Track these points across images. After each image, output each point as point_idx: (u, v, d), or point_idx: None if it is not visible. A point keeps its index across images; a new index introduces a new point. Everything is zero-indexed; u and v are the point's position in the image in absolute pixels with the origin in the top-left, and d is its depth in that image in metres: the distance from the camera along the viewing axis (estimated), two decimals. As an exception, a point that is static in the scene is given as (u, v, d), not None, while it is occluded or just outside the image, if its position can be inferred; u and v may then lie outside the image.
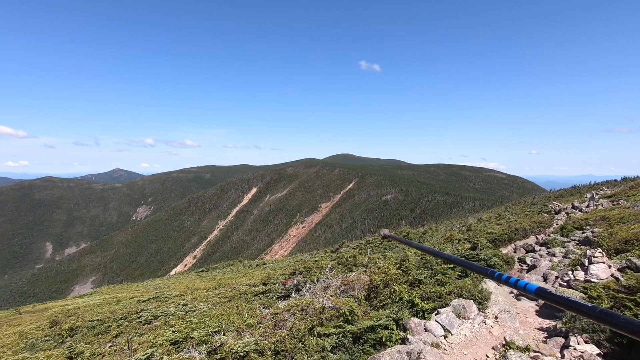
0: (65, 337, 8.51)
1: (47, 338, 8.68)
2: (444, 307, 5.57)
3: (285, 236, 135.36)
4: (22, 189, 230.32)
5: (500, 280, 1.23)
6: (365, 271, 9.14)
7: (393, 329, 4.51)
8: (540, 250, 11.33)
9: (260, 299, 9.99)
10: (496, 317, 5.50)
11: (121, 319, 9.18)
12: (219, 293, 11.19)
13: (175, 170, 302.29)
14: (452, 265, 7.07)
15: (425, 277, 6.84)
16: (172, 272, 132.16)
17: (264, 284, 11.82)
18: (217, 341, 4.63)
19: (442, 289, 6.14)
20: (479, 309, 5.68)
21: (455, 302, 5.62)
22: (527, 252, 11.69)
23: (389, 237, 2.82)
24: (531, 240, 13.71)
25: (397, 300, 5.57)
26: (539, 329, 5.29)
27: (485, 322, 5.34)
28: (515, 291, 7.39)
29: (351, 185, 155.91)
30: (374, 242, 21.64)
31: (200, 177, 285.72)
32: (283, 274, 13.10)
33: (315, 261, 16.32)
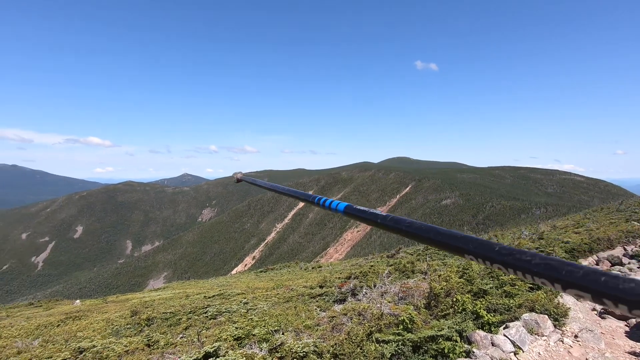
0: (143, 327, 9.39)
1: (128, 326, 9.64)
2: (513, 321, 5.15)
3: (340, 240, 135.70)
4: (107, 192, 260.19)
5: (314, 203, 1.43)
6: (424, 278, 8.81)
7: (456, 341, 4.29)
8: (629, 263, 9.97)
9: (317, 301, 10.11)
10: (576, 336, 4.95)
11: (190, 313, 9.89)
12: (277, 293, 11.54)
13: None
14: (522, 277, 6.53)
15: (491, 288, 6.40)
16: (233, 272, 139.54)
17: (320, 287, 11.94)
18: (277, 340, 4.79)
19: (511, 301, 5.70)
20: (554, 326, 5.16)
21: (526, 316, 5.17)
22: (613, 264, 10.36)
23: (243, 180, 2.96)
24: (618, 251, 12.12)
25: (459, 310, 5.29)
26: (630, 352, 4.64)
27: (562, 341, 4.83)
28: (598, 308, 6.58)
29: (407, 189, 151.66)
30: (433, 249, 20.77)
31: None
32: (339, 278, 13.13)
33: (371, 266, 16.12)
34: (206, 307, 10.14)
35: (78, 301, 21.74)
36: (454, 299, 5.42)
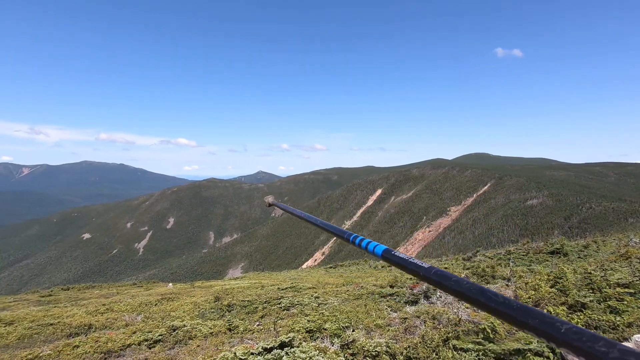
0: (225, 312, 10.21)
1: (212, 310, 10.56)
2: (621, 342, 4.44)
3: (410, 239, 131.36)
4: (194, 188, 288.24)
5: (349, 241, 1.27)
6: (507, 285, 8.08)
7: (548, 357, 3.84)
8: None
9: (387, 300, 9.93)
10: None
11: (265, 303, 10.47)
12: (347, 290, 11.60)
13: (306, 172, 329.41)
14: (632, 291, 5.59)
15: (591, 301, 5.59)
16: (304, 266, 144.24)
17: (391, 287, 11.69)
18: (348, 336, 4.81)
19: (618, 318, 4.91)
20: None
21: (638, 337, 4.41)
22: None
23: (273, 205, 2.71)
24: None
25: (551, 323, 4.73)
26: None
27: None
28: None
29: (486, 187, 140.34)
30: (517, 253, 18.94)
31: (328, 178, 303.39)
32: (410, 278, 12.71)
33: (445, 268, 15.29)
34: (280, 299, 10.63)
35: (170, 284, 24.50)
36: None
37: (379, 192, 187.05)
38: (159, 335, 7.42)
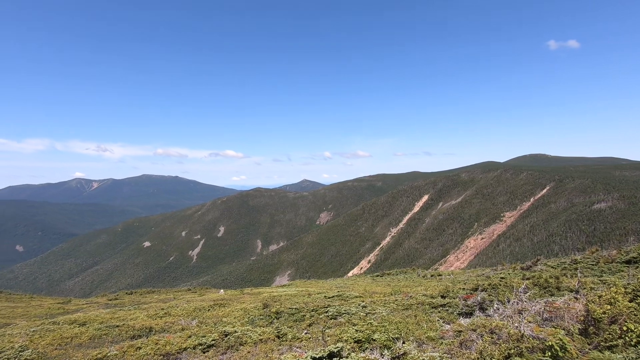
0: (273, 319, 10.36)
1: (261, 317, 10.77)
2: None
3: (461, 247, 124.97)
4: (242, 197, 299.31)
5: None
6: (575, 298, 7.34)
7: (631, 382, 3.39)
8: None
9: (438, 312, 9.48)
10: None
11: (312, 311, 10.47)
12: (396, 300, 11.26)
13: (350, 179, 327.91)
14: None
15: (681, 318, 4.88)
16: (350, 274, 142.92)
17: (442, 297, 11.16)
18: (399, 349, 4.64)
19: None
20: None
21: None
22: None
23: None
24: None
25: (633, 343, 4.19)
26: None
27: None
28: None
29: (544, 191, 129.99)
30: (585, 262, 17.25)
31: (372, 185, 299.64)
32: (463, 289, 12.05)
33: (502, 278, 14.30)
34: (327, 307, 10.58)
35: (222, 291, 25.46)
36: (624, 328, 4.33)
37: (425, 198, 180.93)
38: (212, 340, 7.70)
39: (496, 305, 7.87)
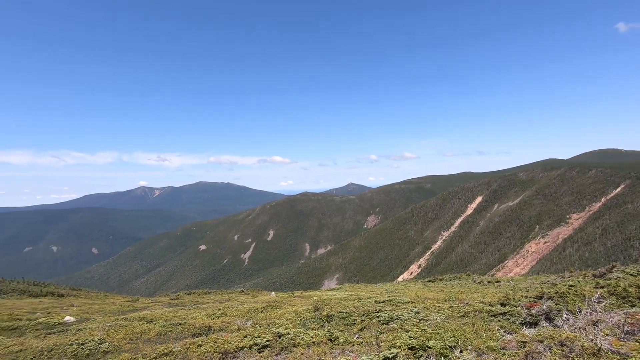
0: (324, 322, 10.43)
1: (312, 320, 10.90)
2: None
3: (521, 252, 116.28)
4: (290, 202, 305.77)
5: None
6: (662, 310, 6.53)
7: None
8: None
9: (498, 320, 8.93)
10: None
11: (363, 315, 10.39)
12: (451, 306, 10.79)
13: (397, 182, 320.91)
14: None
15: None
16: (400, 278, 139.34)
17: (502, 305, 10.48)
18: (457, 358, 4.44)
19: None
20: None
21: None
22: None
23: None
24: None
25: None
26: None
27: None
28: None
29: (618, 189, 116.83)
30: (673, 270, 15.29)
31: (421, 187, 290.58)
32: (525, 297, 11.21)
33: (571, 286, 13.07)
34: (378, 312, 10.43)
35: (273, 293, 26.16)
36: None
37: (479, 199, 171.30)
38: (267, 340, 7.95)
39: (565, 316, 7.25)
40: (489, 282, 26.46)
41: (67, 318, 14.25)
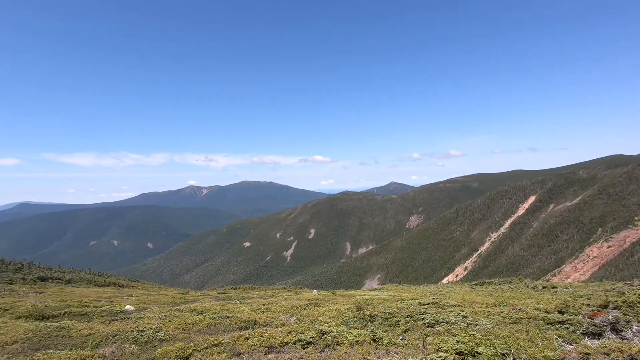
0: (367, 322, 10.38)
1: (355, 319, 10.89)
2: None
3: (580, 256, 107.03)
4: (330, 201, 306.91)
5: None
6: None
7: None
8: None
9: (556, 329, 8.34)
10: None
11: (407, 317, 10.19)
12: (501, 312, 10.25)
13: (442, 180, 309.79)
14: None
15: None
16: (444, 280, 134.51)
17: (560, 312, 9.78)
18: (510, 365, 4.23)
19: None
20: None
21: None
22: None
23: None
24: None
25: None
26: None
27: None
28: None
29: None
30: None
31: (467, 186, 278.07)
32: (587, 305, 10.36)
33: (642, 295, 11.83)
34: (422, 314, 10.18)
35: (315, 291, 26.46)
36: None
37: (531, 199, 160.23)
38: (310, 337, 8.08)
39: (635, 328, 6.62)
40: (543, 287, 24.72)
41: (127, 307, 15.47)
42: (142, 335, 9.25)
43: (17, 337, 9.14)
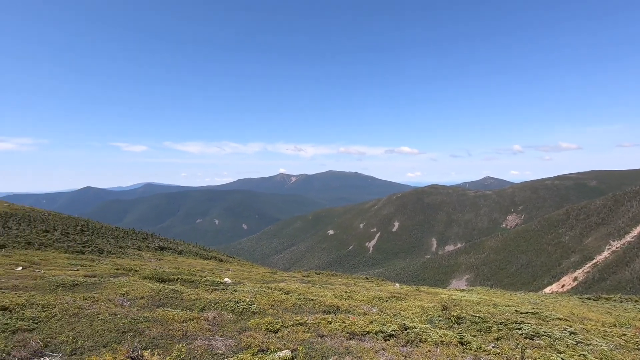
0: (453, 323, 9.83)
1: (440, 318, 10.41)
2: None
3: None
4: (416, 194, 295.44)
5: None
6: None
7: None
8: None
9: (703, 365, 6.80)
10: None
11: (500, 324, 9.35)
12: (623, 334, 8.71)
13: (549, 177, 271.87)
14: None
15: None
16: (546, 290, 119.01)
17: None
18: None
19: None
20: None
21: None
22: None
23: None
24: None
25: None
26: None
27: None
28: None
29: None
30: None
31: (581, 184, 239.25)
32: None
33: None
34: (519, 323, 9.22)
35: (397, 284, 25.98)
36: None
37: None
38: (392, 330, 8.00)
39: None
40: (686, 312, 20.12)
41: (226, 279, 17.37)
42: (238, 306, 10.32)
43: (143, 294, 11.05)
